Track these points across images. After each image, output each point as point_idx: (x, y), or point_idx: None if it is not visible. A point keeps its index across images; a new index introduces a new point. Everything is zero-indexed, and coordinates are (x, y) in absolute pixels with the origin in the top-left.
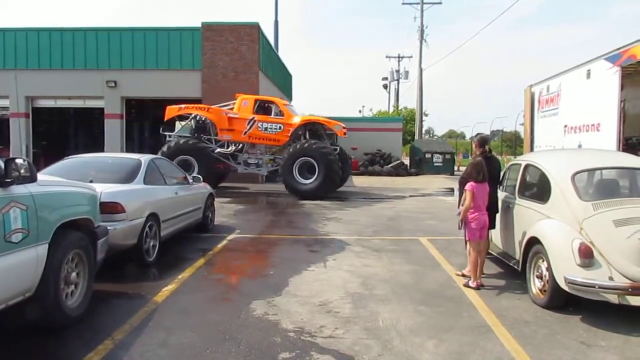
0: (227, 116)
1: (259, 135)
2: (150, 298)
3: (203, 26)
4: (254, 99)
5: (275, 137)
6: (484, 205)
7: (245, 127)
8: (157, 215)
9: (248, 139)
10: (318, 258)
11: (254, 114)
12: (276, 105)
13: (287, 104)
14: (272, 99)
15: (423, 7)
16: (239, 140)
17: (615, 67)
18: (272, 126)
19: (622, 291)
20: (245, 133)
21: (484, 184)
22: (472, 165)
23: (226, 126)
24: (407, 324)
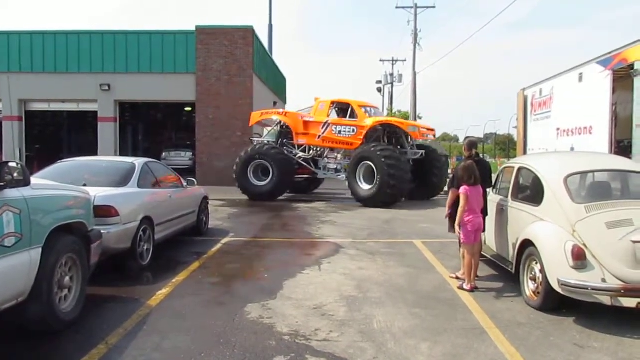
0: (302, 120)
1: (333, 138)
2: (144, 302)
3: (197, 29)
4: (330, 102)
5: (349, 141)
6: (478, 208)
7: (320, 130)
8: (151, 219)
9: (322, 142)
10: (313, 261)
11: (329, 116)
12: (351, 107)
13: (368, 105)
14: (347, 101)
15: (417, 11)
16: (313, 144)
17: (607, 70)
18: (345, 129)
19: (615, 293)
20: (319, 137)
21: (477, 187)
22: (463, 168)
23: (302, 130)
24: (402, 326)
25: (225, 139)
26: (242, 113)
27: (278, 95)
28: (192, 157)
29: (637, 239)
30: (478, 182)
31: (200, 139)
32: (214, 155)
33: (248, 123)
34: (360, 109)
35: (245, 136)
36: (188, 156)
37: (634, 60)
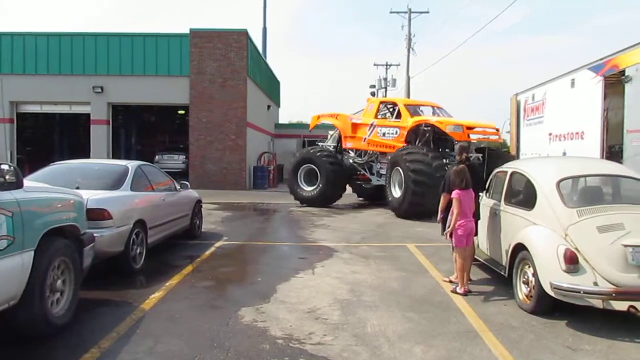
0: (351, 122)
1: (377, 141)
2: (138, 305)
3: (191, 32)
4: (378, 102)
5: (392, 143)
6: (470, 212)
7: (366, 133)
8: (144, 222)
9: (367, 146)
10: (306, 265)
11: (376, 118)
12: (397, 107)
13: (423, 104)
14: (393, 100)
15: (411, 15)
16: (359, 147)
17: (598, 76)
18: (389, 131)
19: (607, 296)
20: (365, 140)
21: (468, 191)
22: (454, 172)
23: (350, 133)
24: (396, 330)
25: (219, 142)
26: (235, 116)
27: (272, 98)
28: (185, 160)
29: (628, 242)
30: (469, 186)
31: (193, 142)
32: (207, 158)
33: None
34: (405, 109)
35: (239, 139)
36: (181, 159)
37: (625, 67)
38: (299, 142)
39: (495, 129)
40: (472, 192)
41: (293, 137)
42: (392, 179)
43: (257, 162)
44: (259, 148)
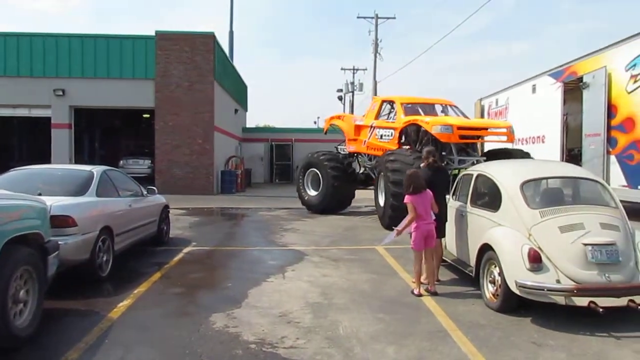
0: (354, 124)
1: (375, 144)
2: (105, 314)
3: (157, 35)
4: (380, 101)
5: (388, 147)
6: (427, 215)
7: (367, 135)
8: (110, 229)
9: (367, 149)
10: (277, 269)
11: (376, 118)
12: (394, 106)
13: (426, 102)
14: (391, 98)
15: (377, 21)
16: (360, 151)
17: (558, 82)
18: (385, 133)
19: (569, 293)
20: (365, 143)
21: (421, 194)
22: (405, 177)
23: (353, 135)
24: (368, 331)
25: (186, 146)
26: (202, 120)
27: (239, 102)
28: (151, 164)
29: (588, 241)
30: (418, 190)
31: (159, 147)
32: (174, 163)
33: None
34: (401, 108)
35: (206, 143)
36: (147, 164)
37: (582, 74)
38: (267, 146)
39: (505, 129)
40: (428, 194)
41: (261, 141)
42: (378, 185)
43: (225, 167)
44: (227, 152)
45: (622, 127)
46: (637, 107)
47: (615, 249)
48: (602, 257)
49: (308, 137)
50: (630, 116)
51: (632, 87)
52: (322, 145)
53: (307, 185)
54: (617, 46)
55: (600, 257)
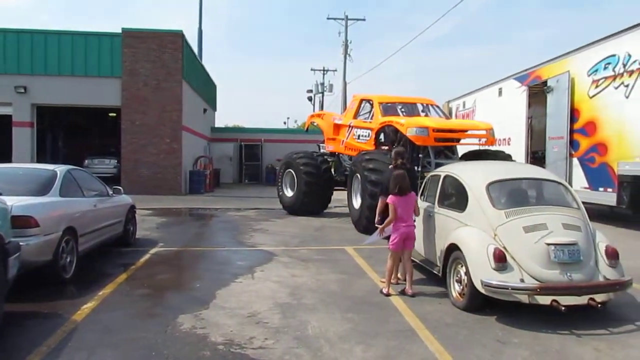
0: (334, 122)
1: (353, 145)
2: (69, 317)
3: (123, 32)
4: (359, 99)
5: (365, 147)
6: (408, 217)
7: (345, 135)
8: (74, 229)
9: (344, 149)
10: (245, 269)
11: (355, 118)
12: (372, 105)
13: (404, 101)
14: (370, 97)
15: (347, 22)
16: (338, 151)
17: (523, 86)
18: (363, 133)
19: (532, 292)
20: (343, 142)
21: (405, 197)
22: (392, 177)
23: (331, 135)
24: (336, 331)
25: (153, 146)
26: (170, 120)
27: (208, 101)
28: (116, 164)
29: (551, 241)
30: (404, 192)
31: (126, 146)
32: (140, 162)
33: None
34: (379, 107)
35: (174, 143)
36: (112, 164)
37: (546, 78)
38: (236, 147)
39: (485, 131)
40: (413, 197)
41: (230, 141)
42: (352, 187)
43: (193, 167)
44: (195, 152)
45: (584, 130)
46: (599, 111)
47: (577, 248)
48: (564, 257)
49: (278, 138)
50: (592, 120)
51: (594, 91)
52: (292, 146)
53: (285, 186)
54: (580, 51)
55: (562, 257)
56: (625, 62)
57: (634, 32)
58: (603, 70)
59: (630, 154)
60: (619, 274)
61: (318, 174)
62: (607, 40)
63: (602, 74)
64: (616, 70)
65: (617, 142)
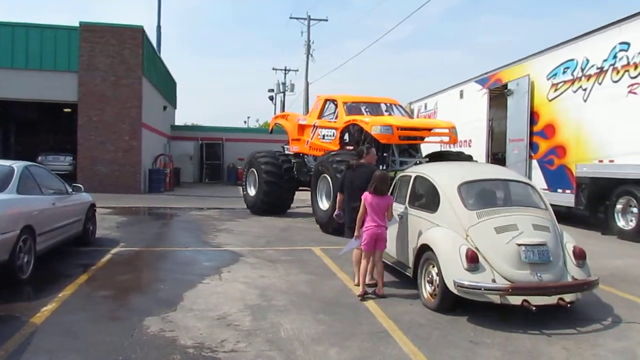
0: (298, 123)
1: (318, 145)
2: (27, 320)
3: (81, 26)
4: (324, 99)
5: (330, 147)
6: (380, 219)
7: (310, 135)
8: (32, 228)
9: (309, 149)
10: (212, 270)
11: (319, 118)
12: (336, 105)
13: (368, 101)
14: (333, 97)
15: (310, 22)
16: (303, 151)
17: (484, 89)
18: (328, 133)
19: (504, 292)
20: (308, 143)
21: (380, 197)
22: (373, 176)
23: (296, 135)
24: (309, 333)
25: (111, 143)
26: (129, 117)
27: (168, 99)
28: (72, 161)
29: (521, 242)
30: (382, 193)
31: (82, 143)
32: (98, 160)
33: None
34: (343, 107)
35: (133, 140)
36: (68, 160)
37: (507, 81)
38: (197, 145)
39: (448, 129)
40: (389, 200)
41: (190, 140)
42: (318, 189)
43: (153, 165)
44: (155, 150)
45: (544, 133)
46: (558, 114)
47: (547, 249)
48: (534, 257)
49: (239, 137)
50: (551, 123)
51: (553, 95)
52: (253, 145)
53: (249, 185)
54: (539, 55)
55: (532, 257)
56: (583, 66)
57: (591, 37)
58: (562, 74)
59: (588, 156)
60: (586, 274)
61: (279, 173)
62: (566, 45)
63: (561, 78)
64: (574, 74)
65: (575, 145)
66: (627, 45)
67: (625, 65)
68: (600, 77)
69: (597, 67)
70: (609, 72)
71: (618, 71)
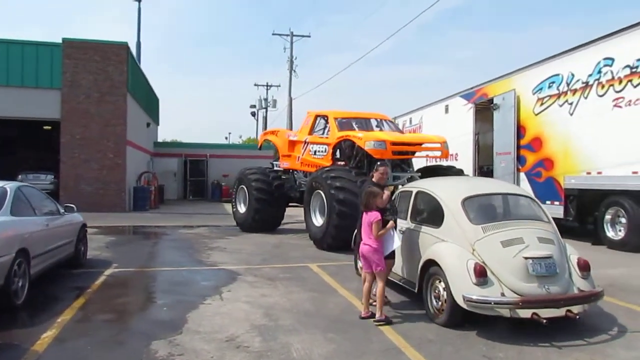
0: (288, 139)
1: (309, 161)
2: (28, 347)
3: (64, 42)
4: (314, 115)
5: (322, 163)
6: (365, 234)
7: (301, 151)
8: (26, 251)
9: (300, 165)
10: (211, 290)
11: (310, 134)
12: (327, 121)
13: (358, 117)
14: (324, 113)
15: (293, 39)
16: (294, 167)
17: (470, 103)
18: (319, 148)
19: (514, 305)
20: (299, 159)
21: (366, 214)
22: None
23: (286, 152)
24: (321, 352)
25: (95, 161)
26: (114, 134)
27: (151, 116)
28: (53, 180)
29: (528, 255)
30: (367, 209)
31: (66, 161)
32: (82, 178)
33: (123, 144)
34: (335, 123)
35: (117, 158)
36: (49, 179)
37: (493, 96)
38: (181, 162)
39: (439, 144)
40: (371, 216)
41: (174, 156)
42: (312, 204)
43: (137, 183)
44: (139, 167)
45: (531, 146)
46: (544, 128)
47: (553, 261)
48: (541, 270)
49: (224, 153)
50: (537, 136)
51: (539, 109)
52: (238, 161)
53: (239, 202)
54: (525, 70)
55: (540, 270)
56: (568, 81)
57: (576, 52)
58: (547, 88)
59: (575, 168)
60: (592, 286)
61: (269, 190)
62: (551, 60)
63: (547, 92)
64: (560, 88)
65: (563, 157)
66: (612, 60)
67: (610, 80)
68: (585, 91)
69: (582, 81)
70: (594, 86)
71: (603, 85)
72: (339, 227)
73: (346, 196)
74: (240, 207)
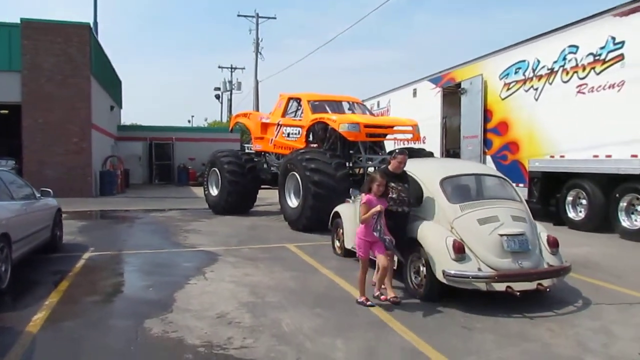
0: (261, 122)
1: (282, 143)
2: (22, 329)
3: (22, 23)
4: (287, 98)
5: (295, 145)
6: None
7: (274, 133)
8: (8, 236)
9: (273, 148)
10: (194, 271)
11: (283, 116)
12: (300, 103)
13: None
14: (298, 95)
15: (258, 20)
16: (267, 150)
17: (437, 88)
18: (293, 131)
19: (490, 279)
20: (272, 141)
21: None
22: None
23: (259, 134)
24: (311, 326)
25: (59, 146)
26: (78, 117)
27: (115, 99)
28: (15, 165)
29: (503, 232)
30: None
31: (28, 146)
32: (45, 163)
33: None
34: (308, 105)
35: (83, 142)
36: (10, 165)
37: (460, 80)
38: (146, 146)
39: (411, 127)
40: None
41: (139, 140)
42: (286, 186)
43: (103, 167)
44: (104, 152)
45: (497, 130)
46: (510, 112)
47: (525, 238)
48: (515, 246)
49: (190, 136)
50: (504, 120)
51: (505, 94)
52: (205, 145)
53: (211, 185)
54: (492, 56)
55: (514, 246)
56: (534, 67)
57: (542, 39)
58: (514, 74)
59: (540, 152)
60: (560, 261)
61: (242, 172)
62: (518, 46)
63: (513, 78)
64: (526, 74)
65: (528, 141)
66: (576, 48)
67: (574, 67)
68: (550, 77)
69: (547, 68)
70: (559, 73)
71: (567, 72)
72: (314, 208)
73: (321, 178)
74: (213, 189)
